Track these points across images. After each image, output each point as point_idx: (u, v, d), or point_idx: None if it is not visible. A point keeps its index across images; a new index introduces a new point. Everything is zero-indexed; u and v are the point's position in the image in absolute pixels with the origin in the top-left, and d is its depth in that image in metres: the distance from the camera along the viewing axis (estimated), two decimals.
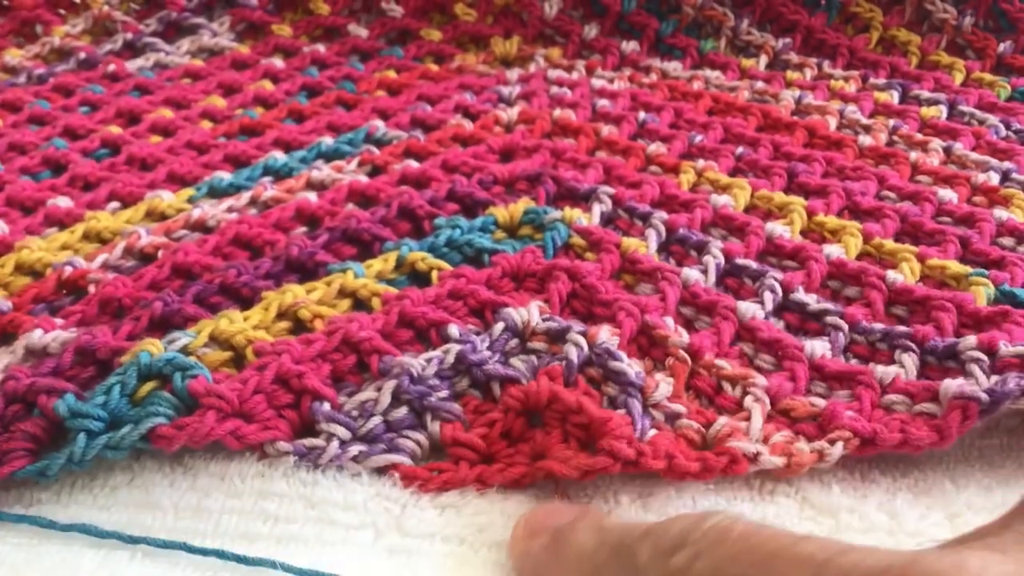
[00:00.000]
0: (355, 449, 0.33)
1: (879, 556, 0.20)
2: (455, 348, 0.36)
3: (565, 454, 0.32)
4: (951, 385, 0.34)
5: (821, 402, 0.34)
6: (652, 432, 0.33)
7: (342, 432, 0.33)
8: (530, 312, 0.38)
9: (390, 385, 0.34)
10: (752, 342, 0.38)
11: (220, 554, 0.29)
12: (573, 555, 0.26)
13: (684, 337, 0.37)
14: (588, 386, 0.35)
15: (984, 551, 0.19)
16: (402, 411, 0.34)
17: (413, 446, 0.33)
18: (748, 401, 0.34)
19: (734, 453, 0.31)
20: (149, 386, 0.33)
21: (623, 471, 0.31)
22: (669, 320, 0.38)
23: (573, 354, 0.35)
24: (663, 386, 0.35)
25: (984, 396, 0.33)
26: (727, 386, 0.35)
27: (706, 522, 0.23)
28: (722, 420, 0.33)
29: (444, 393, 0.35)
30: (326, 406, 0.34)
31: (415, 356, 0.35)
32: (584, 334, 0.36)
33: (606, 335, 0.36)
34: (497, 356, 0.36)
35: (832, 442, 0.32)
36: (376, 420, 0.34)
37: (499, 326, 0.37)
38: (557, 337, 0.37)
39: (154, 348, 0.35)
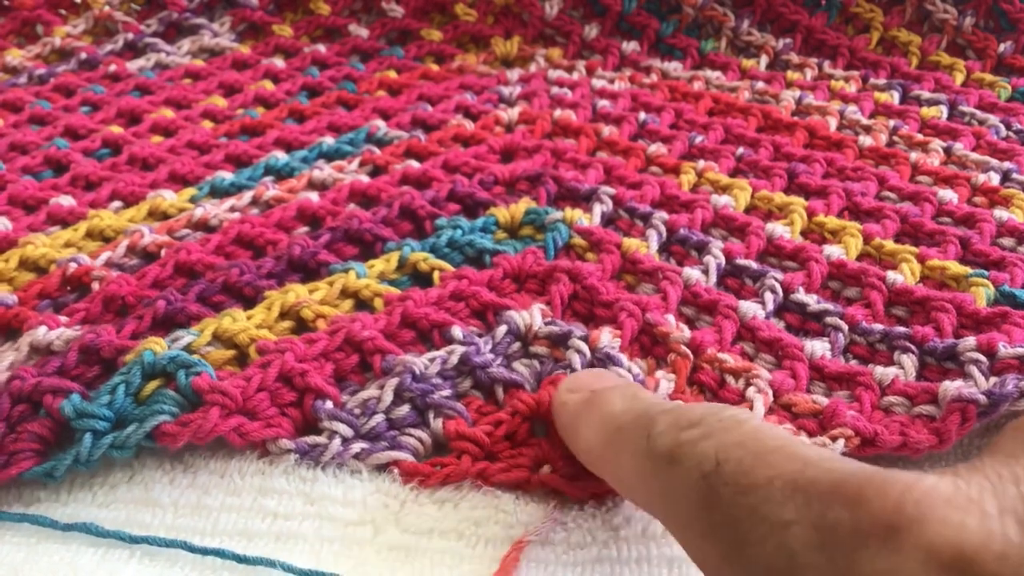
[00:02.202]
0: (357, 447, 0.33)
1: (856, 463, 0.21)
2: (459, 349, 0.36)
3: (573, 471, 0.32)
4: (950, 387, 0.34)
5: (824, 400, 0.34)
6: None
7: (344, 430, 0.33)
8: (532, 315, 0.38)
9: (392, 383, 0.34)
10: (753, 341, 0.38)
11: (220, 553, 0.29)
12: (602, 413, 0.28)
13: (686, 333, 0.37)
14: None
15: (944, 474, 0.21)
16: (404, 409, 0.34)
17: (416, 443, 0.33)
18: (751, 392, 0.34)
19: None
20: (153, 384, 0.34)
21: None
22: (671, 317, 0.38)
23: (576, 361, 0.35)
24: (663, 384, 0.35)
25: (983, 398, 0.33)
26: (730, 379, 0.35)
27: (725, 411, 0.25)
28: None
29: (447, 392, 0.35)
30: (329, 404, 0.34)
31: (418, 355, 0.36)
32: (585, 339, 0.36)
33: (607, 338, 0.36)
34: (500, 359, 0.36)
35: (834, 439, 0.32)
36: (379, 418, 0.34)
37: (501, 329, 0.37)
38: (559, 341, 0.37)
39: (158, 346, 0.35)
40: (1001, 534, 0.19)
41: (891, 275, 0.41)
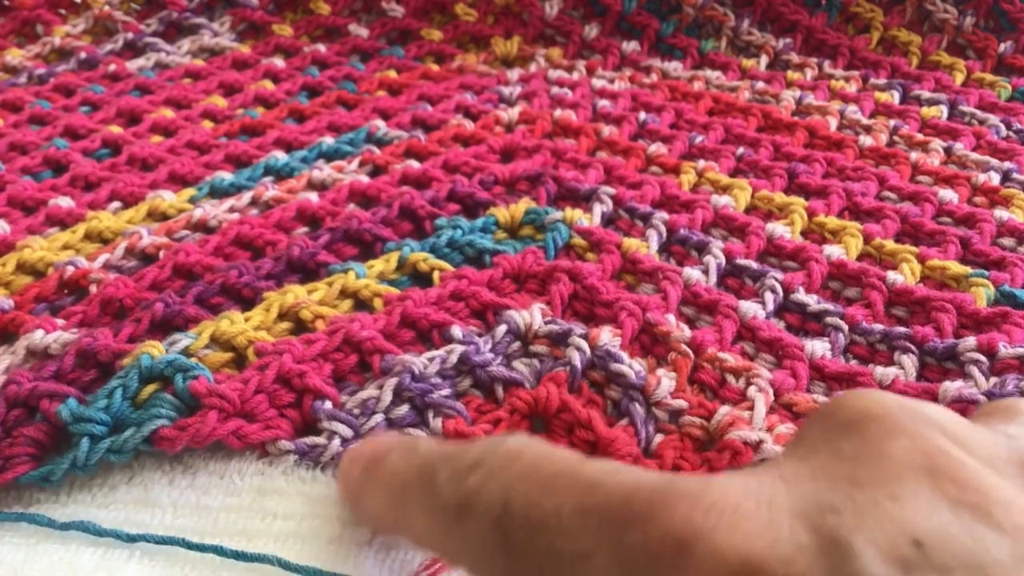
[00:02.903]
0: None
1: (643, 476, 0.20)
2: (459, 349, 0.36)
3: None
4: (950, 388, 0.34)
5: (825, 399, 0.34)
6: (658, 438, 0.33)
7: (344, 430, 0.33)
8: (532, 315, 0.38)
9: (392, 383, 0.34)
10: (753, 341, 0.38)
11: (218, 551, 0.29)
12: (384, 475, 0.26)
13: (686, 332, 0.37)
14: (591, 392, 0.35)
15: (736, 475, 0.20)
16: (404, 408, 0.34)
17: None
18: (752, 391, 0.34)
19: (736, 446, 0.32)
20: (151, 388, 0.33)
21: None
22: (671, 317, 0.38)
23: (576, 359, 0.35)
24: (665, 382, 0.35)
25: (983, 399, 0.33)
26: (731, 378, 0.35)
27: (501, 445, 0.23)
28: (723, 409, 0.33)
29: (446, 391, 0.35)
30: (328, 404, 0.34)
31: (417, 355, 0.36)
32: (586, 336, 0.36)
33: (608, 336, 0.36)
34: (499, 358, 0.36)
35: None
36: (378, 418, 0.34)
37: (501, 328, 0.37)
38: (559, 340, 0.37)
39: (155, 350, 0.35)
40: (789, 538, 0.18)
41: (891, 275, 0.41)
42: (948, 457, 0.19)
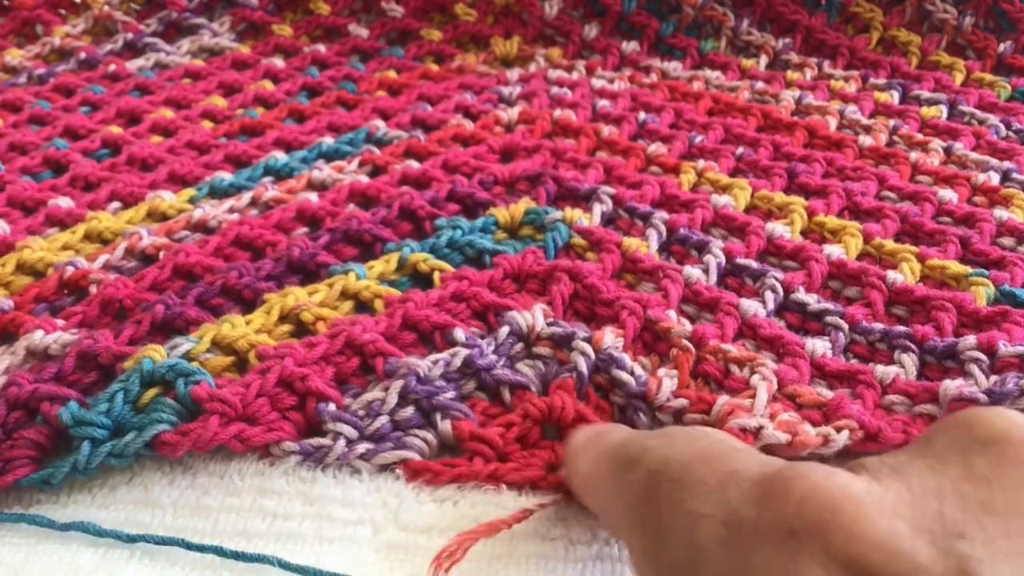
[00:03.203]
0: (362, 447, 0.33)
1: (782, 462, 0.21)
2: (462, 352, 0.36)
3: None
4: (950, 386, 0.34)
5: (828, 392, 0.34)
6: None
7: (349, 431, 0.33)
8: (534, 316, 0.38)
9: (398, 385, 0.34)
10: (754, 339, 0.38)
11: (218, 551, 0.29)
12: (601, 442, 0.28)
13: (687, 327, 0.37)
14: (598, 397, 0.35)
15: (860, 472, 0.20)
16: (409, 410, 0.34)
17: (421, 444, 0.33)
18: (755, 379, 0.34)
19: (735, 434, 0.32)
20: (152, 392, 0.33)
21: None
22: (672, 313, 0.38)
23: (582, 364, 0.35)
24: (666, 383, 0.35)
25: (983, 397, 0.33)
26: (735, 368, 0.35)
27: (695, 429, 0.26)
28: (721, 400, 0.33)
29: (452, 394, 0.35)
30: (332, 406, 0.34)
31: (420, 358, 0.36)
32: (589, 340, 0.36)
33: (611, 338, 0.36)
34: (503, 360, 0.36)
35: (839, 430, 0.32)
36: (383, 419, 0.34)
37: (504, 330, 0.37)
38: (562, 342, 0.37)
39: (156, 354, 0.35)
40: (910, 551, 0.17)
41: (891, 274, 0.41)
42: None
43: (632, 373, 0.35)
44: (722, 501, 0.21)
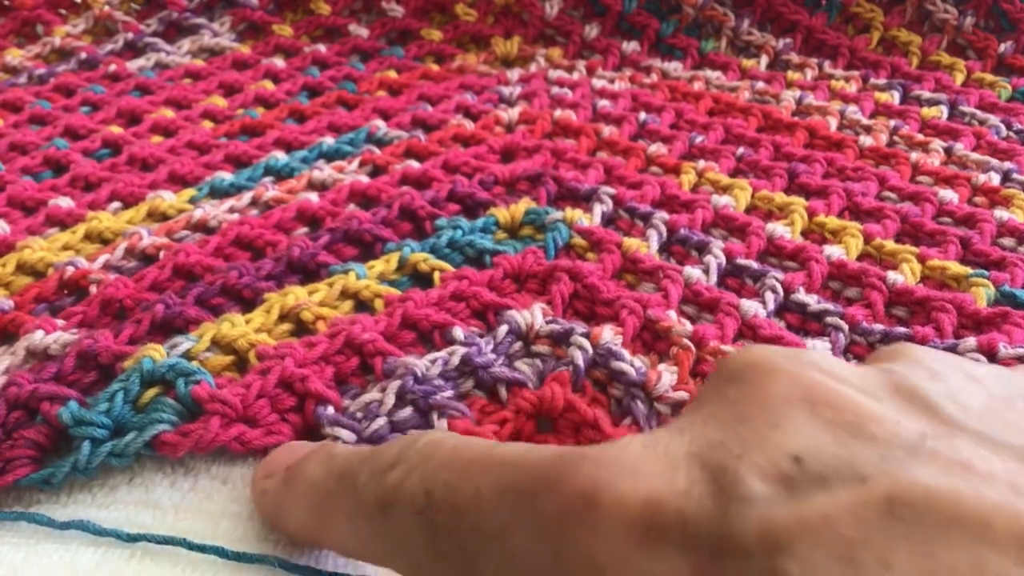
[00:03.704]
0: None
1: (553, 449, 0.21)
2: (461, 350, 0.36)
3: None
4: None
5: None
6: None
7: (347, 435, 0.33)
8: (533, 314, 0.38)
9: (395, 385, 0.34)
10: (754, 339, 0.38)
11: (219, 551, 0.29)
12: (303, 487, 0.27)
13: (688, 327, 0.37)
14: (595, 390, 0.35)
15: (637, 435, 0.21)
16: (407, 411, 0.34)
17: None
18: None
19: None
20: (152, 392, 0.33)
21: None
22: (672, 313, 0.38)
23: (579, 358, 0.35)
24: (666, 376, 0.35)
25: None
26: None
27: (419, 441, 0.24)
28: None
29: (449, 393, 0.35)
30: (330, 410, 0.34)
31: (419, 357, 0.36)
32: (587, 335, 0.36)
33: (609, 335, 0.36)
34: (502, 359, 0.36)
35: None
36: (381, 421, 0.34)
37: (503, 329, 0.37)
38: (561, 340, 0.37)
39: (156, 354, 0.35)
40: (684, 475, 0.19)
41: (891, 275, 0.41)
42: (824, 387, 0.20)
43: (632, 365, 0.35)
44: (513, 506, 0.21)
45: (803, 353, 0.22)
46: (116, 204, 0.47)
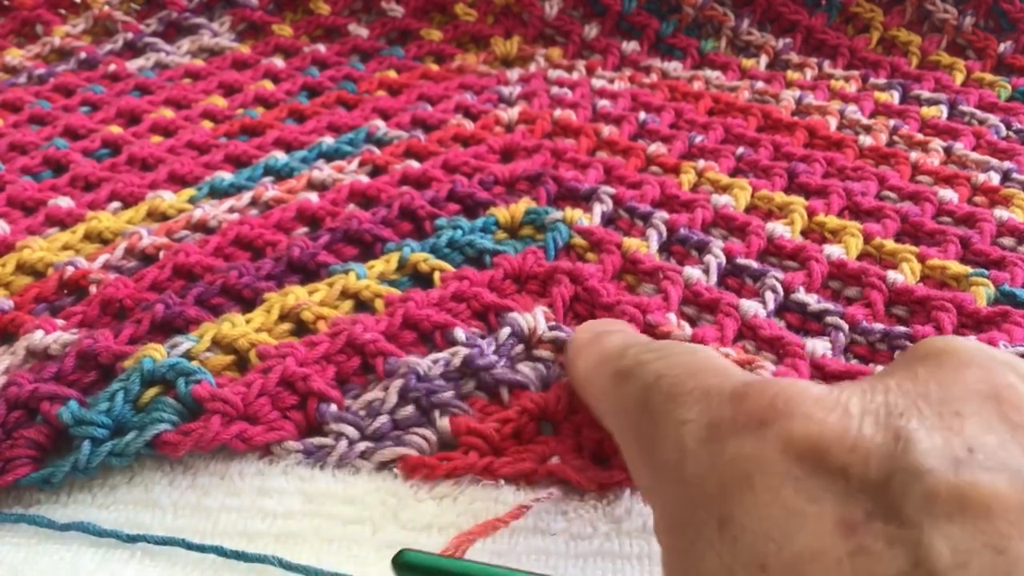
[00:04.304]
0: (362, 446, 0.33)
1: (753, 378, 0.24)
2: (462, 351, 0.36)
3: (581, 463, 0.32)
4: None
5: None
6: None
7: (351, 432, 0.33)
8: (536, 318, 0.38)
9: (397, 384, 0.34)
10: (754, 340, 0.38)
11: (219, 551, 0.29)
12: (600, 347, 0.32)
13: (687, 331, 0.37)
14: None
15: (823, 384, 0.23)
16: (409, 409, 0.34)
17: (421, 442, 0.33)
18: None
19: None
20: (152, 392, 0.33)
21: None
22: (672, 316, 0.38)
23: None
24: None
25: None
26: None
27: (681, 343, 0.30)
28: None
29: (451, 393, 0.35)
30: (333, 407, 0.34)
31: (421, 357, 0.36)
32: None
33: None
34: (503, 361, 0.36)
35: None
36: (383, 419, 0.34)
37: (505, 331, 0.37)
38: (564, 347, 0.37)
39: (156, 353, 0.35)
40: (856, 429, 0.20)
41: (891, 274, 0.41)
42: (1015, 390, 0.21)
43: None
44: (705, 408, 0.23)
45: (1000, 353, 0.23)
46: (116, 204, 0.47)
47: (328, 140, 0.52)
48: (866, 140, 0.53)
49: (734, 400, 0.23)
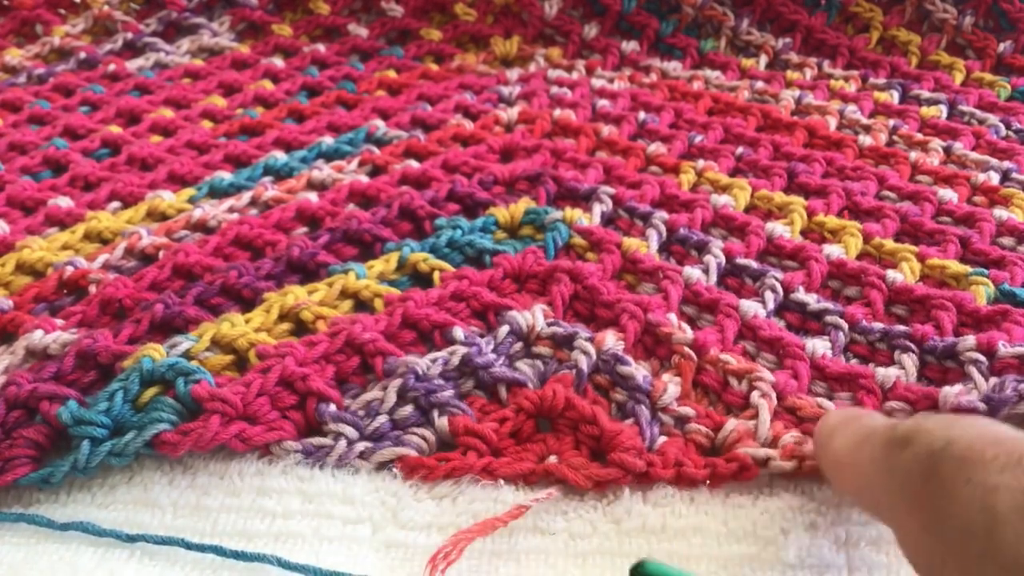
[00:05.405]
0: (361, 446, 0.33)
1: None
2: (461, 350, 0.36)
3: (578, 462, 0.32)
4: (950, 393, 0.34)
5: (829, 403, 0.34)
6: (661, 439, 0.33)
7: (350, 432, 0.33)
8: (534, 316, 0.38)
9: (396, 384, 0.34)
10: (754, 340, 0.38)
11: (218, 550, 0.29)
12: (861, 424, 0.29)
13: (688, 333, 0.37)
14: (596, 394, 0.35)
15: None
16: (408, 409, 0.34)
17: (420, 442, 0.33)
18: (755, 397, 0.34)
19: (743, 460, 0.32)
20: (152, 392, 0.34)
21: (633, 482, 0.32)
22: (672, 316, 0.38)
23: (583, 362, 0.35)
24: (671, 388, 0.35)
25: (982, 405, 0.33)
26: (733, 381, 0.35)
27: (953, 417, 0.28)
28: (730, 425, 0.33)
29: (450, 392, 0.35)
30: (332, 407, 0.34)
31: (420, 357, 0.36)
32: (591, 340, 0.36)
33: (612, 340, 0.36)
34: (502, 359, 0.36)
35: None
36: (382, 419, 0.34)
37: (503, 329, 0.37)
38: (563, 343, 0.37)
39: (156, 353, 0.35)
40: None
41: (891, 274, 0.41)
42: None
43: (638, 371, 0.35)
44: (1019, 473, 0.22)
45: None
46: (115, 204, 0.47)
47: (328, 140, 0.52)
48: (866, 140, 0.53)
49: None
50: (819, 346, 0.37)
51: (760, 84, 0.60)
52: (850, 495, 0.30)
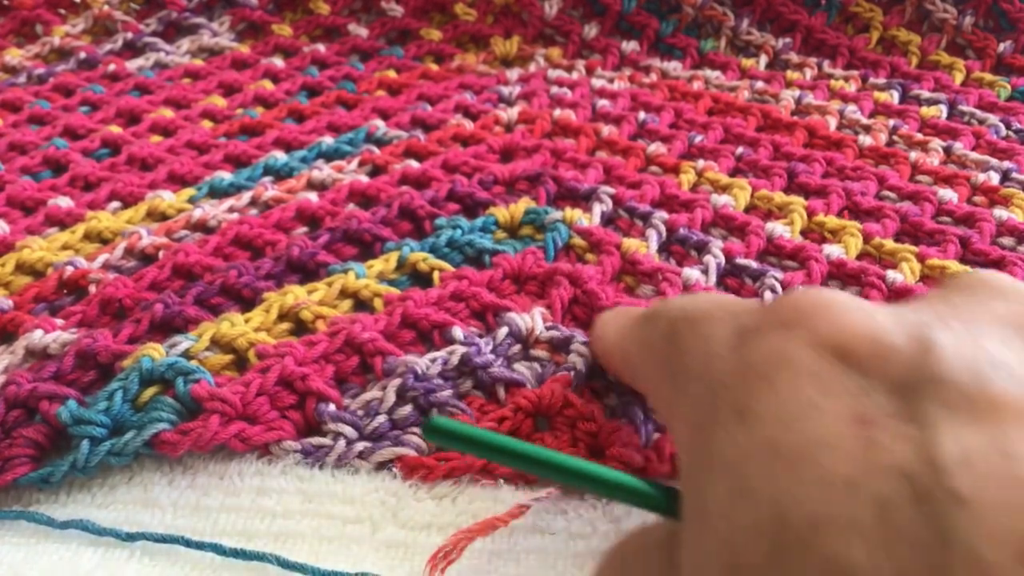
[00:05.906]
0: (361, 446, 0.33)
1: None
2: (460, 350, 0.36)
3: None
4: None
5: None
6: (656, 435, 0.33)
7: (349, 431, 0.33)
8: (534, 319, 0.38)
9: (395, 383, 0.34)
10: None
11: (218, 549, 0.29)
12: (626, 314, 0.33)
13: None
14: (591, 396, 0.35)
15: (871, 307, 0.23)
16: (407, 409, 0.34)
17: (419, 441, 0.33)
18: None
19: None
20: (151, 391, 0.34)
21: None
22: None
23: (581, 365, 0.35)
24: None
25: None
26: None
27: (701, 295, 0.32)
28: None
29: (448, 392, 0.35)
30: (331, 407, 0.34)
31: (419, 356, 0.36)
32: (587, 343, 0.36)
33: None
34: (500, 360, 0.36)
35: None
36: (381, 418, 0.34)
37: (503, 331, 0.37)
38: (560, 346, 0.37)
39: (155, 353, 0.35)
40: (883, 333, 0.21)
41: (891, 274, 0.41)
42: None
43: None
44: (733, 323, 0.24)
45: None
46: (115, 204, 0.47)
47: (328, 140, 0.52)
48: (866, 140, 0.53)
49: (763, 310, 0.24)
50: None
51: (760, 84, 0.60)
52: (618, 374, 0.33)
